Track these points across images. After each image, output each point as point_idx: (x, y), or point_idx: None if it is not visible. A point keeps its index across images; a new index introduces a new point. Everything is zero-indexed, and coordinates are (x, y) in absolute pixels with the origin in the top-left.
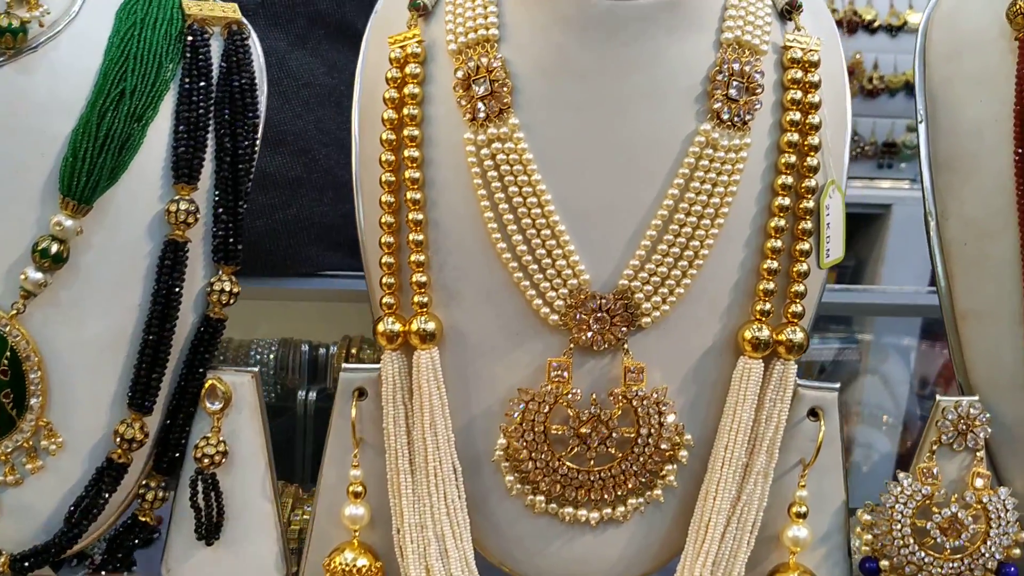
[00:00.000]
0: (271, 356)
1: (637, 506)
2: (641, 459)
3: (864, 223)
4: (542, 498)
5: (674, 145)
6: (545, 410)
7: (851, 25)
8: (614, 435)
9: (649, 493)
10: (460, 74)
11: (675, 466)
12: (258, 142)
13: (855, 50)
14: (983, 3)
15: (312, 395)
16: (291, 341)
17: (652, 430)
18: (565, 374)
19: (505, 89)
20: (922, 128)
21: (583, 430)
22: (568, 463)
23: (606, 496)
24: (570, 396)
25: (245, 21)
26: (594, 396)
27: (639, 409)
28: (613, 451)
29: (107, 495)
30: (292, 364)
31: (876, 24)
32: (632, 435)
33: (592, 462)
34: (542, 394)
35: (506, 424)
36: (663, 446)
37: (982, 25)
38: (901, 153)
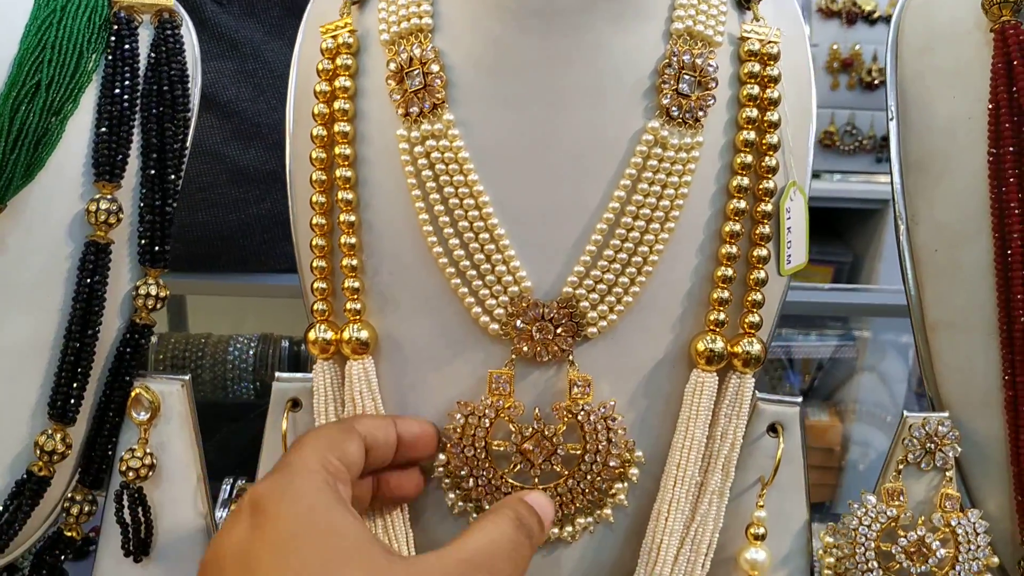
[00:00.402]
0: (251, 352)
1: (586, 526)
2: (588, 477)
3: (862, 218)
4: None
5: (620, 144)
6: (486, 424)
7: (850, 16)
8: (559, 451)
9: (598, 512)
10: (392, 66)
11: (625, 484)
12: (189, 137)
13: (854, 42)
14: None
15: None
16: (271, 337)
17: (600, 446)
18: (507, 386)
19: (439, 82)
20: (892, 125)
21: (526, 446)
22: (511, 480)
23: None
24: (512, 410)
25: (179, 9)
26: (537, 410)
27: (585, 424)
28: (559, 468)
29: (28, 510)
30: (271, 360)
31: (876, 15)
32: (579, 452)
33: (536, 480)
34: (482, 408)
35: (445, 440)
36: (612, 463)
37: (957, 16)
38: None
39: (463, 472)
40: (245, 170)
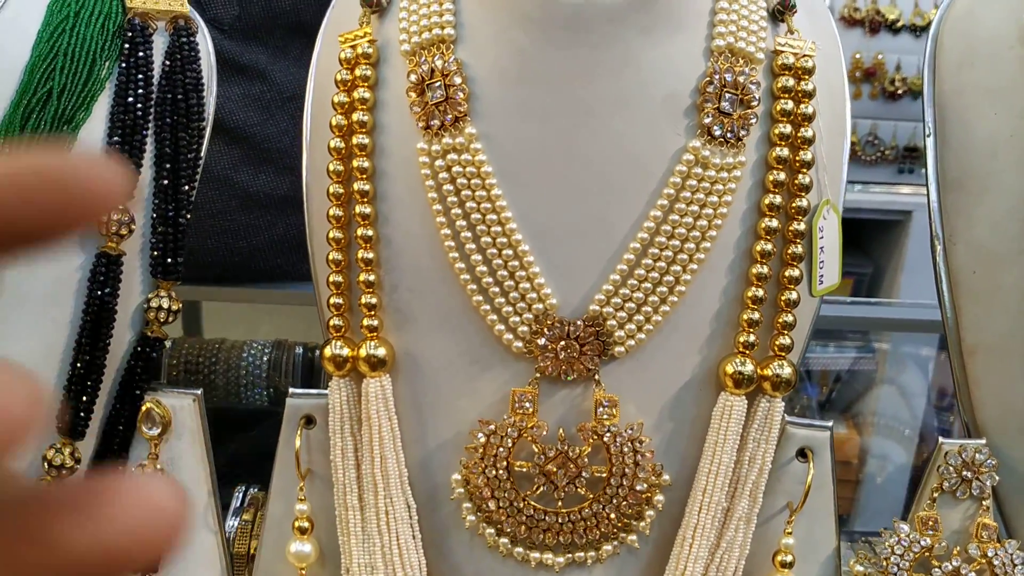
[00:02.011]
0: (264, 358)
1: (612, 552)
2: (614, 501)
3: (883, 230)
4: (506, 540)
5: (650, 160)
6: (508, 444)
7: (873, 25)
8: (584, 474)
9: (624, 536)
10: (413, 77)
11: (652, 513)
12: (204, 148)
13: (877, 51)
14: (1002, 6)
15: None
16: (285, 343)
17: (627, 469)
18: (530, 405)
19: (461, 95)
20: (930, 142)
21: (550, 467)
22: (533, 503)
23: (576, 540)
24: (535, 430)
25: (195, 15)
26: (562, 431)
27: (611, 446)
28: (583, 491)
29: None
30: (285, 367)
31: (899, 24)
32: (604, 474)
33: (560, 503)
34: (505, 426)
35: (466, 458)
36: (638, 487)
37: (999, 30)
38: (923, 158)
39: (484, 493)
40: (256, 196)
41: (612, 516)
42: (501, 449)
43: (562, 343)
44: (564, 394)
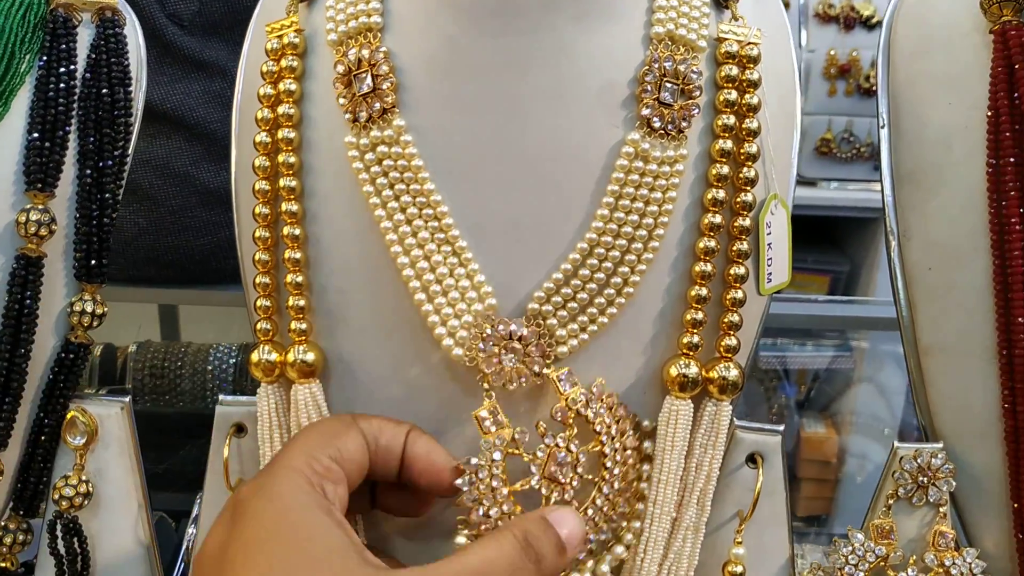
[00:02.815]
0: (231, 361)
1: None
2: (618, 470)
3: (859, 227)
4: None
5: (590, 154)
6: (498, 472)
7: (848, 21)
8: (581, 457)
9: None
10: (340, 68)
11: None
12: (132, 145)
13: (852, 47)
14: None
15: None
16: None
17: (613, 429)
18: (500, 418)
19: (388, 85)
20: (884, 134)
21: (550, 469)
22: None
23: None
24: (517, 439)
25: (126, 8)
26: (542, 425)
27: (591, 413)
28: (590, 476)
29: None
30: None
31: (874, 20)
32: (597, 448)
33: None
34: (487, 456)
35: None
36: (629, 442)
37: (953, 17)
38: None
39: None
40: (216, 192)
41: (622, 491)
42: (495, 482)
43: (505, 345)
44: (517, 402)
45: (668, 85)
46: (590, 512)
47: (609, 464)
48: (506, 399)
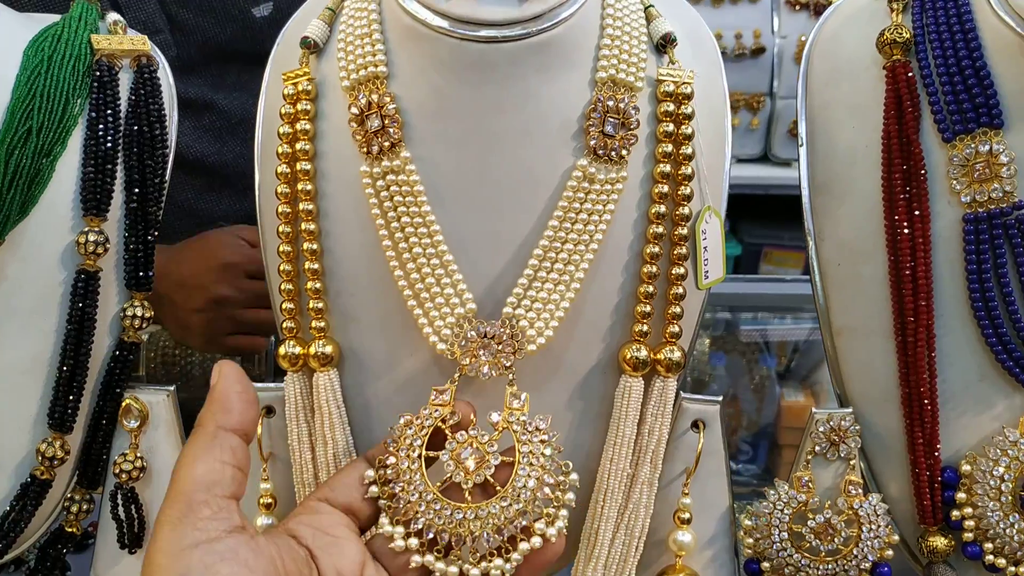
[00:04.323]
0: None
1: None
2: (522, 495)
3: None
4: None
5: (551, 179)
6: (423, 434)
7: (818, 8)
8: (493, 461)
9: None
10: (355, 110)
11: (565, 511)
12: (168, 173)
13: None
14: (859, 31)
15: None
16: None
17: (533, 460)
18: (447, 397)
19: (395, 125)
20: (803, 151)
21: (459, 452)
22: (442, 497)
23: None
24: (451, 418)
25: (156, 53)
26: (474, 418)
27: (521, 435)
28: (492, 481)
29: (32, 509)
30: (258, 357)
31: None
32: (512, 461)
33: (469, 499)
34: (422, 416)
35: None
36: (548, 480)
37: (857, 53)
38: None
39: (394, 487)
40: (221, 219)
41: (517, 509)
42: (417, 440)
43: (481, 341)
44: (484, 389)
45: (610, 120)
46: (478, 513)
47: (517, 485)
48: (470, 396)
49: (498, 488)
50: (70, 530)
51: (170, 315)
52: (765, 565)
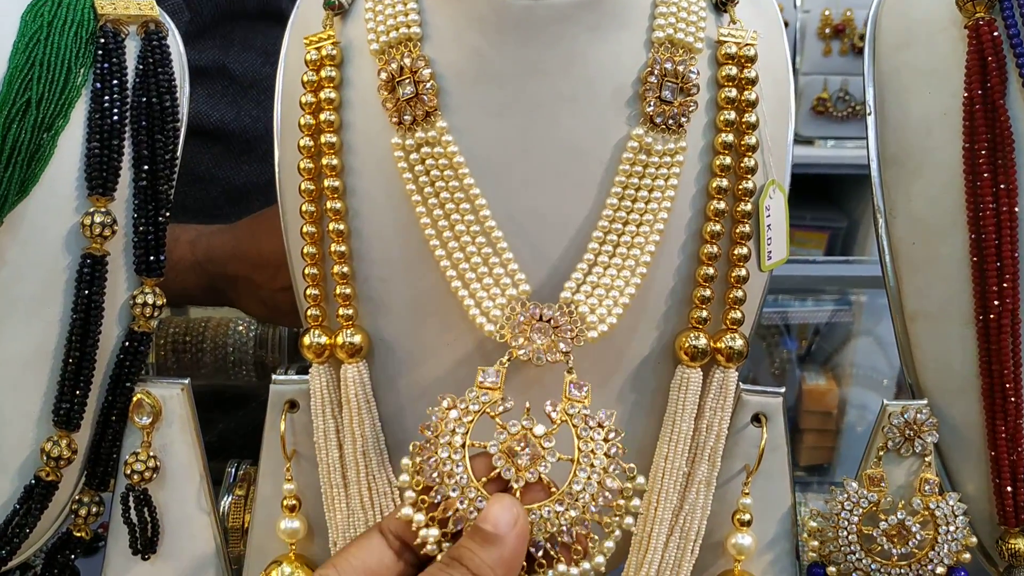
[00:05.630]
0: (251, 335)
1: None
2: (580, 500)
3: (856, 184)
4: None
5: (603, 150)
6: (467, 420)
7: None
8: (548, 458)
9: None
10: (384, 75)
11: (631, 518)
12: (180, 148)
13: (846, 7)
14: None
15: (291, 374)
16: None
17: (595, 461)
18: (497, 380)
19: (430, 92)
20: (871, 121)
21: (511, 445)
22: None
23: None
24: (498, 405)
25: (165, 19)
26: (528, 405)
27: (581, 430)
28: (546, 480)
29: (38, 513)
30: (271, 343)
31: None
32: (571, 460)
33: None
34: (466, 401)
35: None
36: (610, 483)
37: (932, 12)
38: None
39: (435, 477)
40: (242, 188)
41: (573, 516)
42: (460, 427)
43: (537, 326)
44: (534, 379)
45: (668, 84)
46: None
47: (576, 488)
48: (524, 380)
49: (553, 489)
50: (78, 534)
51: (250, 296)
52: (831, 570)
